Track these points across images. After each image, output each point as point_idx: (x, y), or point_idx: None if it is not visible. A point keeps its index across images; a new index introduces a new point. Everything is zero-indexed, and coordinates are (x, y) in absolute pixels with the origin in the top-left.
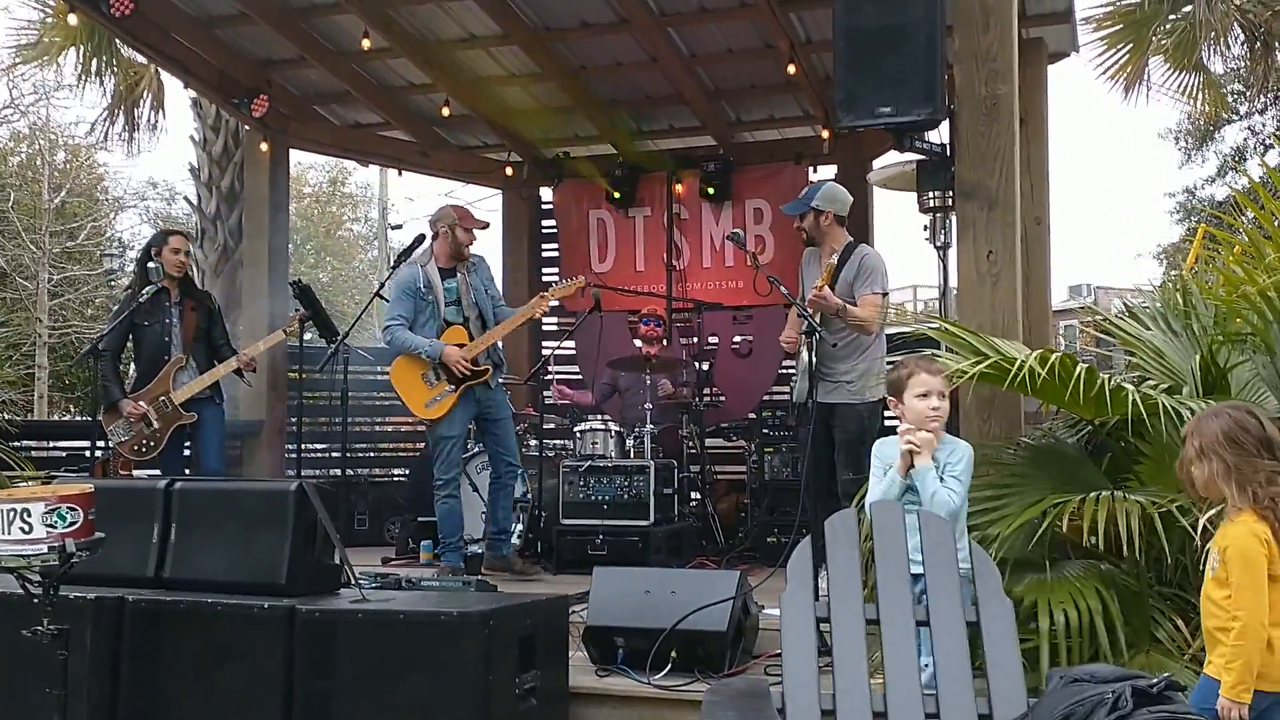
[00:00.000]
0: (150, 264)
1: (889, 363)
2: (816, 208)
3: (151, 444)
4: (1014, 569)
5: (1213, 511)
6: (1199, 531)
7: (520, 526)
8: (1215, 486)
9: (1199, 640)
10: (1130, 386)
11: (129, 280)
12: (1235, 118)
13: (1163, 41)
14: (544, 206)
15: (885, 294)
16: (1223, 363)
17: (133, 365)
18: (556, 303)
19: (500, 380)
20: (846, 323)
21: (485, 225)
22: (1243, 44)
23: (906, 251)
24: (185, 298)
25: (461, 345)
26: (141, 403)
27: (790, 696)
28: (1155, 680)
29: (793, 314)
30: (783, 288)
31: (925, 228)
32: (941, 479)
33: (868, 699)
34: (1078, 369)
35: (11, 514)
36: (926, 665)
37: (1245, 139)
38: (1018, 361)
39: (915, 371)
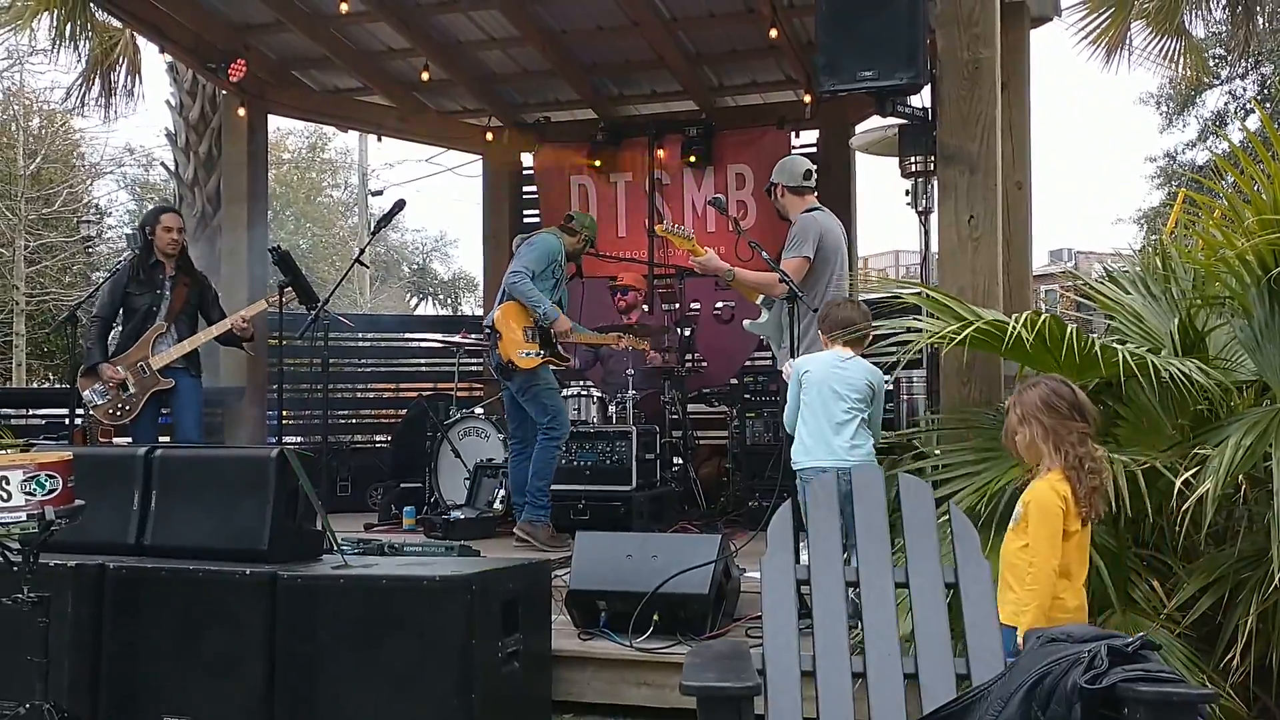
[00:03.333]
0: (128, 231)
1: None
2: (772, 181)
3: (128, 408)
4: (996, 532)
5: (1191, 472)
6: (1175, 493)
7: (501, 492)
8: (1035, 449)
9: (1175, 600)
10: (1119, 347)
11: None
12: (1216, 82)
13: (1145, 5)
14: (525, 172)
15: (806, 258)
16: (1201, 326)
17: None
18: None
19: None
20: (744, 286)
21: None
22: (1224, 8)
23: (888, 216)
24: (180, 274)
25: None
26: (120, 368)
27: (771, 658)
28: (1130, 640)
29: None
30: (764, 253)
31: (907, 192)
32: None
33: (847, 660)
34: (1067, 331)
35: None
36: None
37: (1226, 103)
38: (1009, 325)
39: None
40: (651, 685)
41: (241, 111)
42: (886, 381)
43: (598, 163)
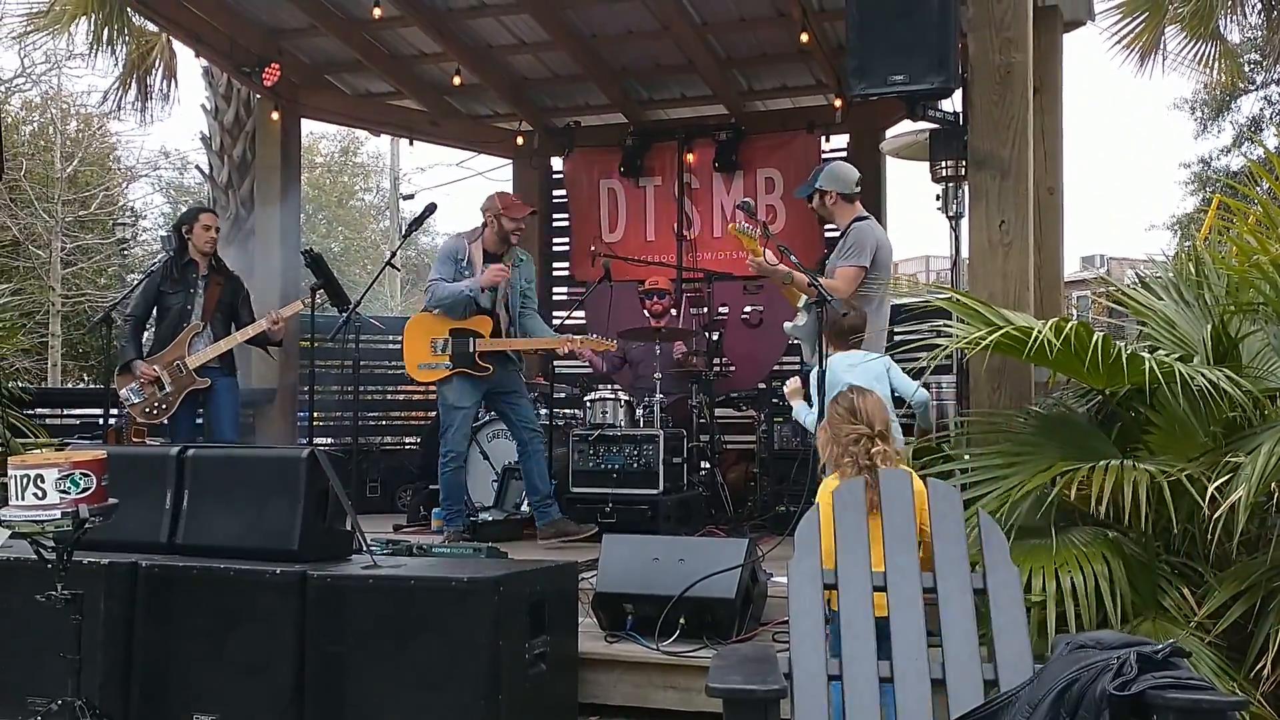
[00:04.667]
0: (163, 234)
1: (899, 332)
2: (821, 188)
3: (164, 407)
4: (1021, 535)
5: (1223, 480)
6: (1207, 500)
7: None
8: (825, 451)
9: (1206, 608)
10: (1146, 355)
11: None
12: (1252, 87)
13: (1179, 10)
14: (554, 176)
15: (863, 266)
16: (1234, 332)
17: (150, 333)
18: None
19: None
20: (800, 290)
21: (532, 212)
22: (1260, 13)
23: (919, 221)
24: (213, 273)
25: (480, 336)
26: (155, 366)
27: (797, 661)
28: (1160, 647)
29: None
30: (793, 257)
31: (938, 197)
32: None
33: (875, 664)
34: (1094, 338)
35: (25, 480)
36: None
37: (1261, 109)
38: (1034, 331)
39: None
40: (678, 688)
41: (275, 115)
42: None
43: (627, 166)
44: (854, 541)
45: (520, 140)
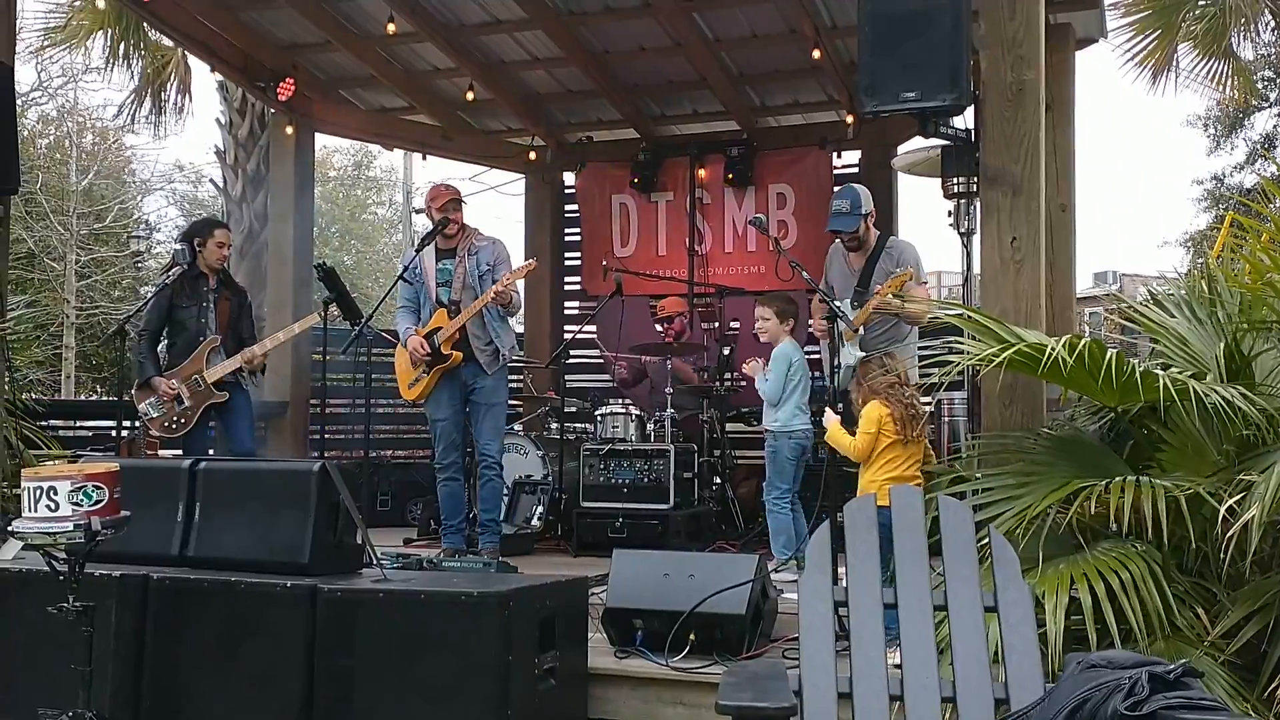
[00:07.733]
0: (177, 246)
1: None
2: (868, 212)
3: (182, 421)
4: (1034, 553)
5: (1236, 498)
6: (1220, 519)
7: (540, 509)
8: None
9: (1219, 628)
10: (1160, 372)
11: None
12: (1265, 104)
13: (1192, 27)
14: (567, 191)
15: (925, 282)
16: (1247, 350)
17: (163, 346)
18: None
19: (505, 362)
20: (910, 317)
21: (453, 196)
22: (1273, 30)
23: (930, 237)
24: (222, 287)
25: (438, 329)
26: (175, 381)
27: (807, 679)
28: (1172, 666)
29: (815, 301)
30: (805, 273)
31: (949, 213)
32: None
33: (885, 682)
34: (1107, 355)
35: (38, 492)
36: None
37: (1275, 126)
38: (1047, 348)
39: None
40: (687, 705)
41: (289, 130)
42: (927, 403)
43: (639, 182)
44: (865, 560)
45: (533, 155)
